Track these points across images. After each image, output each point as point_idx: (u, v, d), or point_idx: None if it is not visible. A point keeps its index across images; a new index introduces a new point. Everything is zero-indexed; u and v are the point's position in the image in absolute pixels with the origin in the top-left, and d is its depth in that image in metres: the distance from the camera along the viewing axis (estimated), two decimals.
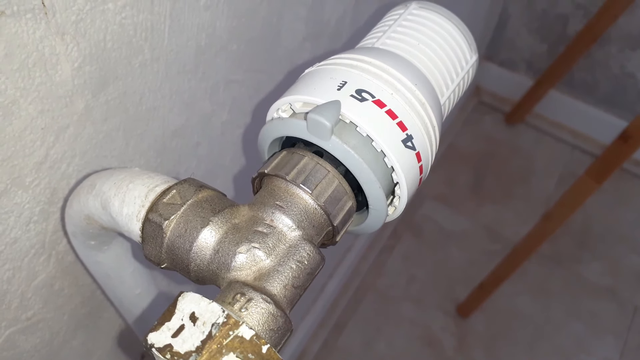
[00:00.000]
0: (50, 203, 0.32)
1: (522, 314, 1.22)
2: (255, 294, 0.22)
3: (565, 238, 1.28)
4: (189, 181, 0.26)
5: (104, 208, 0.27)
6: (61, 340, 0.39)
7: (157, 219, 0.24)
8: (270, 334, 0.22)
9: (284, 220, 0.25)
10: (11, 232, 0.30)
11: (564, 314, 1.22)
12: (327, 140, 0.24)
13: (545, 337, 1.19)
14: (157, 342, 0.21)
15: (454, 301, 1.22)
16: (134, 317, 0.40)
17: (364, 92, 0.26)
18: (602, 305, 1.23)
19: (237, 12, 0.39)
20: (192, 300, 0.21)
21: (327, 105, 0.24)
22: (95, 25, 0.28)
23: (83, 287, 0.39)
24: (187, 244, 0.24)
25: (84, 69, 0.29)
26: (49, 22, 0.26)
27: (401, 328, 1.19)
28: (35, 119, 0.28)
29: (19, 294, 0.33)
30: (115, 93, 0.32)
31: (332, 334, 1.17)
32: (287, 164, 0.25)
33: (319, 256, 0.25)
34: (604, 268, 1.28)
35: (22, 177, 0.29)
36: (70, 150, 0.31)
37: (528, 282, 1.24)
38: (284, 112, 0.27)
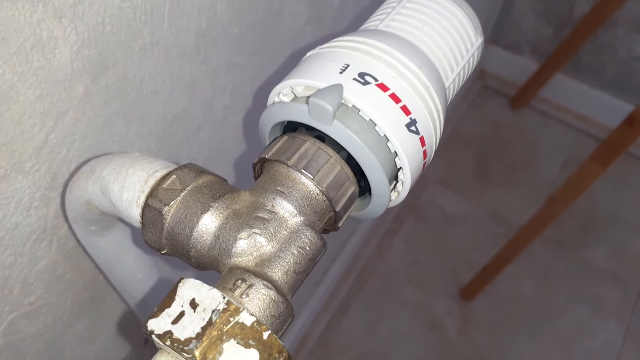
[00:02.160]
0: (50, 188, 0.32)
1: (525, 297, 1.22)
2: (256, 280, 0.22)
3: (570, 222, 1.28)
4: (189, 166, 0.25)
5: (104, 193, 0.26)
6: (64, 324, 0.40)
7: (157, 204, 0.24)
8: (271, 320, 0.22)
9: (285, 205, 0.24)
10: (12, 218, 0.30)
11: (567, 297, 1.22)
12: (329, 124, 0.24)
13: (549, 321, 1.20)
14: (157, 329, 0.20)
15: (457, 285, 1.22)
16: (136, 302, 0.40)
17: (367, 76, 0.25)
18: (606, 289, 1.23)
19: None
20: (192, 287, 0.21)
21: (329, 89, 0.24)
22: (93, 8, 0.28)
23: (85, 272, 0.39)
24: (188, 229, 0.23)
25: (83, 53, 0.29)
26: (46, 5, 0.25)
27: (404, 311, 1.19)
28: (34, 104, 0.28)
29: (21, 279, 0.33)
30: (115, 77, 0.32)
31: (335, 317, 1.18)
32: (289, 149, 0.25)
33: (321, 242, 0.24)
34: (608, 252, 1.28)
35: (22, 162, 0.29)
36: (70, 135, 0.31)
37: (532, 266, 1.24)
38: (285, 96, 0.26)
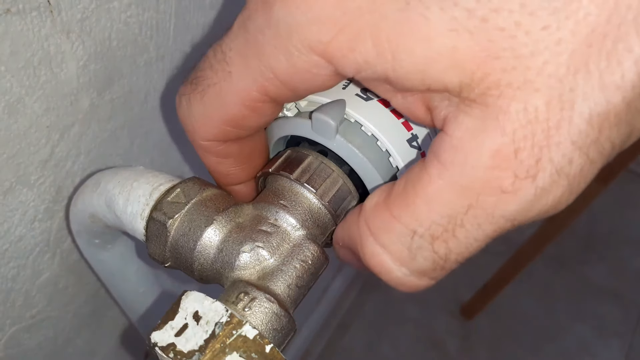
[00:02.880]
0: (55, 201, 0.32)
1: (526, 315, 1.21)
2: (259, 293, 0.22)
3: (571, 240, 1.28)
4: (193, 180, 0.26)
5: (109, 206, 0.27)
6: (65, 338, 0.40)
7: (161, 217, 0.24)
8: (273, 333, 0.22)
9: (288, 219, 0.24)
10: (16, 230, 0.30)
11: (568, 316, 1.22)
12: (332, 139, 0.24)
13: (550, 339, 1.19)
14: (160, 341, 0.20)
15: (458, 302, 1.22)
16: (137, 316, 0.40)
17: (369, 91, 0.25)
18: (607, 307, 1.23)
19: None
20: (195, 299, 0.21)
21: (332, 104, 0.24)
22: (100, 23, 0.28)
23: (87, 286, 0.39)
24: (191, 242, 0.24)
25: (89, 67, 0.29)
26: (54, 20, 0.26)
27: (405, 329, 1.19)
28: (40, 117, 0.28)
29: (24, 292, 0.33)
30: (120, 91, 0.32)
31: (335, 334, 1.17)
32: (291, 163, 0.25)
33: (323, 256, 0.24)
34: (609, 270, 1.28)
35: (27, 175, 0.29)
36: (75, 148, 0.31)
37: (533, 284, 1.23)
38: (289, 111, 0.27)
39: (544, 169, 0.16)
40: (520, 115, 0.15)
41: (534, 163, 0.16)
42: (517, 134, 0.15)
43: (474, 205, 0.17)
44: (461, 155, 0.16)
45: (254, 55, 0.19)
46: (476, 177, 0.16)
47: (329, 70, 0.18)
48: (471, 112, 0.16)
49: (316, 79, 0.18)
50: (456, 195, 0.17)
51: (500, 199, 0.16)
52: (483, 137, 0.16)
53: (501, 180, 0.16)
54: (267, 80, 0.19)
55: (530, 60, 0.15)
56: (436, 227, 0.17)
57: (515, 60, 0.15)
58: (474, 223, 0.17)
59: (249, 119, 0.21)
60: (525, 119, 0.15)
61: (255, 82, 0.19)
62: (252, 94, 0.20)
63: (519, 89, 0.15)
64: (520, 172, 0.16)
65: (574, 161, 0.16)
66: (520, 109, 0.15)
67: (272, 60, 0.18)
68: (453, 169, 0.17)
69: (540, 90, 0.15)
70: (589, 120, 0.15)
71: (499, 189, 0.16)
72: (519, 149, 0.15)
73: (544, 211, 0.17)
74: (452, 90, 0.16)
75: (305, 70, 0.18)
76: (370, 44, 0.16)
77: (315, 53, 0.17)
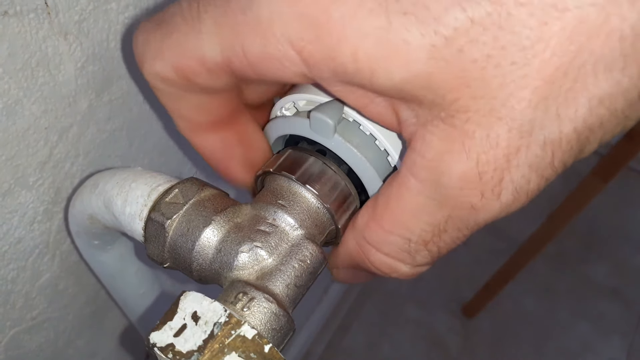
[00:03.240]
0: (54, 203, 0.32)
1: (527, 314, 1.21)
2: (258, 293, 0.22)
3: (571, 238, 1.28)
4: (191, 180, 0.26)
5: (107, 207, 0.27)
6: (66, 339, 0.40)
7: (160, 218, 0.24)
8: (272, 333, 0.22)
9: (286, 219, 0.24)
10: (15, 232, 0.30)
11: (569, 314, 1.22)
12: (330, 138, 0.24)
13: (551, 338, 1.19)
14: (159, 342, 0.20)
15: (459, 301, 1.22)
16: (137, 317, 0.40)
17: None
18: (608, 305, 1.23)
19: None
20: (194, 300, 0.21)
21: (330, 103, 0.24)
22: (98, 25, 0.28)
23: (87, 287, 0.39)
24: (190, 243, 0.24)
25: (87, 69, 0.29)
26: (52, 22, 0.26)
27: (406, 329, 1.19)
28: (38, 119, 0.28)
29: (24, 294, 0.33)
30: (118, 92, 0.32)
31: (336, 335, 1.17)
32: (290, 163, 0.25)
33: (322, 255, 0.24)
34: (610, 268, 1.28)
35: (26, 176, 0.29)
36: (73, 149, 0.31)
37: (534, 282, 1.23)
38: (288, 111, 0.27)
39: (506, 188, 0.18)
40: (484, 142, 0.17)
41: (497, 183, 0.18)
42: (481, 158, 0.17)
43: (452, 216, 0.20)
44: (434, 176, 0.19)
45: (229, 30, 0.19)
46: (449, 196, 0.19)
47: (299, 70, 0.18)
48: (438, 133, 0.18)
49: (284, 72, 0.19)
50: (436, 209, 0.20)
51: (471, 212, 0.19)
52: (451, 161, 0.18)
53: (470, 198, 0.18)
54: (235, 56, 0.19)
55: (497, 91, 0.16)
56: (425, 234, 0.21)
57: (484, 90, 0.16)
58: (455, 228, 0.20)
59: (200, 77, 0.21)
60: (488, 145, 0.17)
61: (223, 53, 0.19)
62: (216, 60, 0.20)
63: (484, 117, 0.17)
64: (486, 191, 0.18)
65: (531, 181, 0.18)
66: (484, 135, 0.17)
67: (246, 41, 0.18)
68: (430, 187, 0.19)
69: (503, 119, 0.16)
70: (543, 147, 0.17)
71: (469, 205, 0.19)
72: (483, 172, 0.18)
73: (508, 215, 0.19)
74: (424, 105, 0.18)
75: (276, 59, 0.18)
76: (350, 57, 0.17)
77: (293, 48, 0.18)
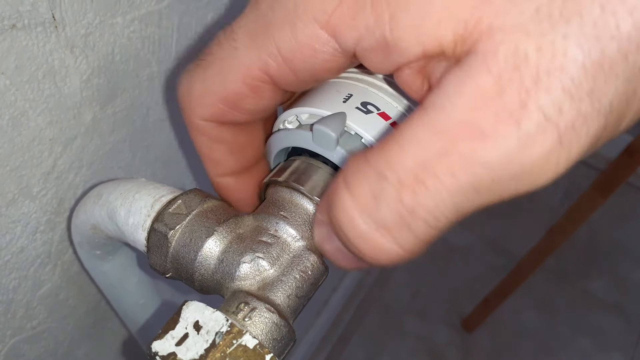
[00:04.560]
0: (56, 213, 0.32)
1: (527, 328, 1.21)
2: (259, 303, 0.22)
3: (571, 253, 1.28)
4: (194, 191, 0.26)
5: (110, 218, 0.27)
6: (65, 349, 0.40)
7: (163, 228, 0.24)
8: (273, 343, 0.22)
9: (288, 230, 0.25)
10: (18, 242, 0.31)
11: (569, 329, 1.21)
12: (332, 150, 0.25)
13: (551, 353, 1.18)
14: (161, 351, 0.21)
15: (459, 315, 1.21)
16: (137, 327, 0.40)
17: (369, 105, 0.26)
18: (609, 320, 1.23)
19: None
20: (196, 309, 0.21)
21: (332, 117, 0.24)
22: (104, 38, 0.29)
23: (88, 297, 0.39)
24: (192, 253, 0.24)
25: (93, 82, 0.30)
26: (59, 35, 0.26)
27: (406, 342, 1.18)
28: (43, 130, 0.28)
29: (25, 303, 0.34)
30: (122, 105, 0.33)
31: (336, 348, 1.17)
32: (292, 174, 0.26)
33: (323, 266, 0.25)
34: (610, 283, 1.27)
35: (30, 187, 0.29)
36: (77, 161, 0.31)
37: (533, 297, 1.23)
38: (290, 124, 0.27)
39: (530, 116, 0.14)
40: (509, 59, 0.14)
41: (519, 107, 0.14)
42: (503, 75, 0.14)
43: (450, 150, 0.15)
44: (442, 97, 0.15)
45: (261, 31, 0.19)
46: (454, 118, 0.15)
47: (331, 47, 0.18)
48: (462, 63, 0.15)
49: (318, 57, 0.19)
50: (432, 139, 0.15)
51: (478, 143, 0.15)
52: (466, 78, 0.15)
53: (481, 121, 0.15)
54: (270, 55, 0.19)
55: (523, 4, 0.14)
56: (406, 172, 0.16)
57: (510, 5, 0.15)
58: (448, 172, 0.15)
59: (247, 100, 0.21)
60: (513, 63, 0.14)
61: (259, 59, 0.19)
62: (254, 72, 0.20)
63: (510, 33, 0.14)
64: (502, 113, 0.14)
65: (564, 110, 0.14)
66: (509, 52, 0.14)
67: (276, 33, 0.19)
68: (432, 111, 0.16)
69: (532, 35, 0.14)
70: (582, 68, 0.14)
71: (478, 130, 0.15)
72: (502, 90, 0.14)
73: (529, 169, 0.15)
74: (447, 47, 0.16)
75: (307, 45, 0.18)
76: (370, 9, 0.17)
77: (318, 25, 0.18)
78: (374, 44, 0.17)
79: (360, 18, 0.17)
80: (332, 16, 0.17)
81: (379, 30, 0.17)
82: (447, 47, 0.16)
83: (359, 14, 0.17)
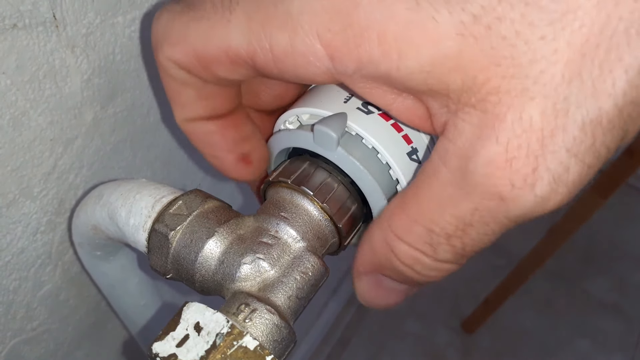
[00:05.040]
0: (57, 214, 0.32)
1: (527, 330, 1.21)
2: (260, 304, 0.22)
3: (571, 254, 1.28)
4: (195, 192, 0.26)
5: (111, 218, 0.27)
6: (65, 351, 0.40)
7: (163, 229, 0.24)
8: (274, 344, 0.22)
9: (288, 231, 0.25)
10: (18, 242, 0.31)
11: (569, 330, 1.21)
12: (333, 151, 0.25)
13: (551, 354, 1.18)
14: (161, 352, 0.21)
15: (459, 317, 1.21)
16: (138, 328, 0.40)
17: (370, 105, 0.26)
18: (609, 322, 1.23)
19: None
20: (196, 310, 0.21)
21: (333, 117, 0.24)
22: (105, 38, 0.29)
23: (88, 298, 0.39)
24: (193, 254, 0.24)
25: (93, 81, 0.30)
26: (59, 35, 0.26)
27: (406, 344, 1.18)
28: (44, 130, 0.28)
29: (25, 304, 0.34)
30: (123, 105, 0.33)
31: (335, 349, 1.16)
32: (293, 175, 0.26)
33: (323, 268, 0.25)
34: (610, 284, 1.27)
35: (31, 187, 0.29)
36: (78, 161, 0.31)
37: (533, 298, 1.23)
38: (291, 124, 0.27)
39: (542, 178, 0.16)
40: (516, 125, 0.16)
41: (531, 172, 0.16)
42: (511, 143, 0.16)
43: (479, 208, 0.17)
44: (463, 163, 0.17)
45: (259, 21, 0.19)
46: (476, 185, 0.17)
47: (325, 66, 0.18)
48: (470, 120, 0.17)
49: (308, 69, 0.19)
50: (462, 199, 0.18)
51: (500, 205, 0.17)
52: (479, 147, 0.17)
53: (498, 188, 0.17)
54: (261, 48, 0.19)
55: (528, 68, 0.15)
56: (449, 226, 0.19)
57: (515, 68, 0.16)
58: (482, 222, 0.18)
59: (222, 68, 0.21)
60: (520, 128, 0.16)
61: (249, 45, 0.19)
62: (240, 51, 0.20)
63: (516, 97, 0.16)
64: (516, 180, 0.16)
65: (570, 168, 0.16)
66: (515, 118, 0.16)
67: (274, 34, 0.19)
68: (458, 176, 0.17)
69: (535, 99, 0.15)
70: (582, 128, 0.15)
71: (498, 195, 0.17)
72: (513, 158, 0.16)
73: (546, 213, 0.17)
74: (454, 92, 0.17)
75: (302, 55, 0.18)
76: (376, 42, 0.17)
77: (320, 42, 0.18)
78: (374, 74, 0.18)
79: (365, 48, 0.17)
80: (335, 39, 0.18)
81: (384, 65, 0.17)
82: (453, 91, 0.17)
83: (364, 44, 0.17)
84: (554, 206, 0.17)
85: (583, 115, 0.15)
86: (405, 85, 0.18)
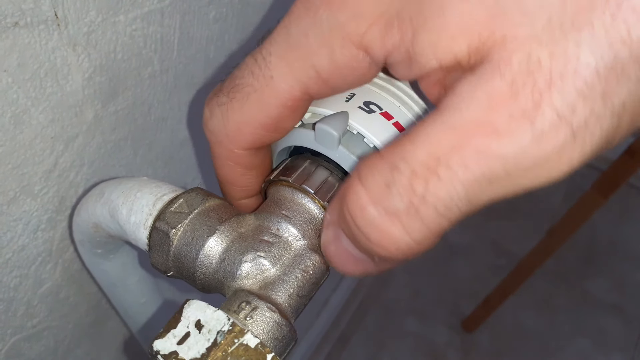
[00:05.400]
0: (58, 211, 0.32)
1: (527, 329, 1.21)
2: (261, 302, 0.22)
3: (571, 253, 1.28)
4: (196, 190, 0.26)
5: (112, 216, 0.27)
6: (65, 348, 0.40)
7: (164, 227, 0.24)
8: (274, 342, 0.22)
9: (289, 229, 0.25)
10: (19, 240, 0.31)
11: (569, 329, 1.21)
12: (334, 149, 0.25)
13: (551, 353, 1.18)
14: (162, 349, 0.21)
15: (459, 316, 1.21)
16: (138, 326, 0.40)
17: (372, 104, 0.26)
18: (609, 321, 1.23)
19: (247, 25, 0.40)
20: (197, 308, 0.21)
21: (335, 116, 0.24)
22: (106, 36, 0.29)
23: (88, 296, 0.39)
24: (194, 252, 0.24)
25: (95, 80, 0.30)
26: (61, 33, 0.26)
27: (405, 342, 1.18)
28: (45, 128, 0.28)
29: (25, 302, 0.34)
30: (124, 103, 0.33)
31: (335, 347, 1.17)
32: (294, 173, 0.26)
33: (324, 266, 0.25)
34: (610, 284, 1.27)
35: (31, 185, 0.29)
36: (79, 159, 0.31)
37: (533, 298, 1.23)
38: None
39: (543, 115, 0.15)
40: (522, 65, 0.15)
41: (532, 107, 0.15)
42: (517, 80, 0.15)
43: (464, 145, 0.15)
44: (456, 99, 0.16)
45: (297, 57, 0.20)
46: (468, 117, 0.16)
47: (366, 62, 0.19)
48: (475, 70, 0.16)
49: (355, 72, 0.20)
50: (445, 134, 0.16)
51: (493, 139, 0.15)
52: (480, 82, 0.15)
53: (495, 120, 0.15)
54: (310, 79, 0.20)
55: (536, 15, 0.15)
56: (419, 164, 0.16)
57: (522, 16, 0.15)
58: (461, 164, 0.16)
59: (287, 120, 0.22)
60: (526, 69, 0.15)
61: (299, 82, 0.20)
62: (295, 93, 0.21)
63: (523, 42, 0.15)
64: (516, 113, 0.15)
65: (577, 110, 0.15)
66: (522, 59, 0.15)
67: (315, 58, 0.19)
68: (446, 112, 0.16)
69: (545, 43, 0.15)
70: (595, 71, 0.14)
71: (492, 128, 0.15)
72: (516, 92, 0.15)
73: (543, 163, 0.15)
74: (462, 58, 0.16)
75: (345, 65, 0.19)
76: (397, 28, 0.18)
77: (353, 45, 0.19)
78: (400, 59, 0.18)
79: (389, 37, 0.18)
80: (364, 37, 0.18)
81: (404, 47, 0.18)
82: (461, 58, 0.16)
83: (388, 33, 0.18)
84: (553, 150, 0.15)
85: (597, 61, 0.14)
86: (420, 64, 0.17)
